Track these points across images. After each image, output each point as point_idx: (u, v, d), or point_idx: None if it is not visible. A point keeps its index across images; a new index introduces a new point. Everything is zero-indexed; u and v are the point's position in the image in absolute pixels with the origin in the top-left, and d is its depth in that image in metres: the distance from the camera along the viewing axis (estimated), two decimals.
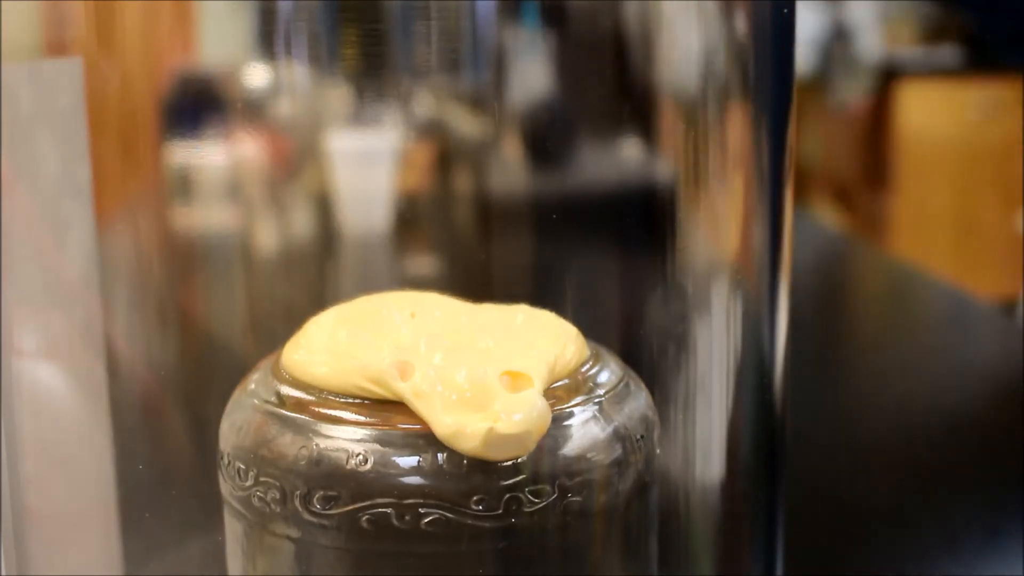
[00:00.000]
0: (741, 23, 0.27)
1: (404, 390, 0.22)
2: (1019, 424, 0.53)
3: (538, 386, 0.22)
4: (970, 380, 0.63)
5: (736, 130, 0.27)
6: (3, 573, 0.27)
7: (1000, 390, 0.60)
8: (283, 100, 0.28)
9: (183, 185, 0.28)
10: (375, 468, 0.21)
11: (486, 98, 0.29)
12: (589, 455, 0.22)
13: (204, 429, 0.25)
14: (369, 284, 0.29)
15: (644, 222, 0.29)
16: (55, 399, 0.27)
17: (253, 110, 0.28)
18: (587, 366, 0.24)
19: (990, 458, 0.51)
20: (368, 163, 0.31)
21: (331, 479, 0.21)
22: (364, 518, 0.21)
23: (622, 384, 0.24)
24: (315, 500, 0.22)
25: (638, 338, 0.28)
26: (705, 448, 0.28)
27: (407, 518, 0.21)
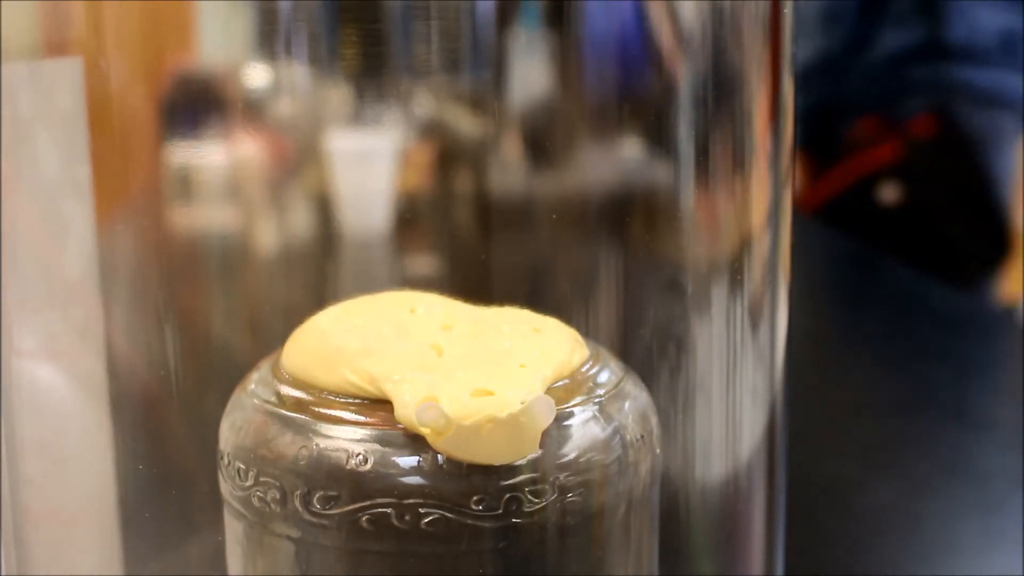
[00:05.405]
0: (740, 22, 0.27)
1: (396, 399, 0.22)
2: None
3: (539, 384, 0.22)
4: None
5: (735, 130, 0.27)
6: (3, 573, 0.27)
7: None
8: (283, 100, 0.28)
9: (183, 185, 0.28)
10: (375, 468, 0.21)
11: (486, 98, 0.29)
12: (589, 455, 0.22)
13: (204, 429, 0.25)
14: (369, 284, 0.29)
15: (644, 222, 0.29)
16: (55, 399, 0.27)
17: (253, 110, 0.28)
18: (587, 366, 0.24)
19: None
20: (368, 163, 0.31)
21: (331, 479, 0.21)
22: (364, 518, 0.21)
23: (622, 384, 0.24)
24: (315, 500, 0.22)
25: (638, 338, 0.28)
26: (705, 448, 0.28)
27: (407, 518, 0.21)
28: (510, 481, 0.21)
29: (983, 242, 1.13)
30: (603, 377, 0.24)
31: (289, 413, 0.23)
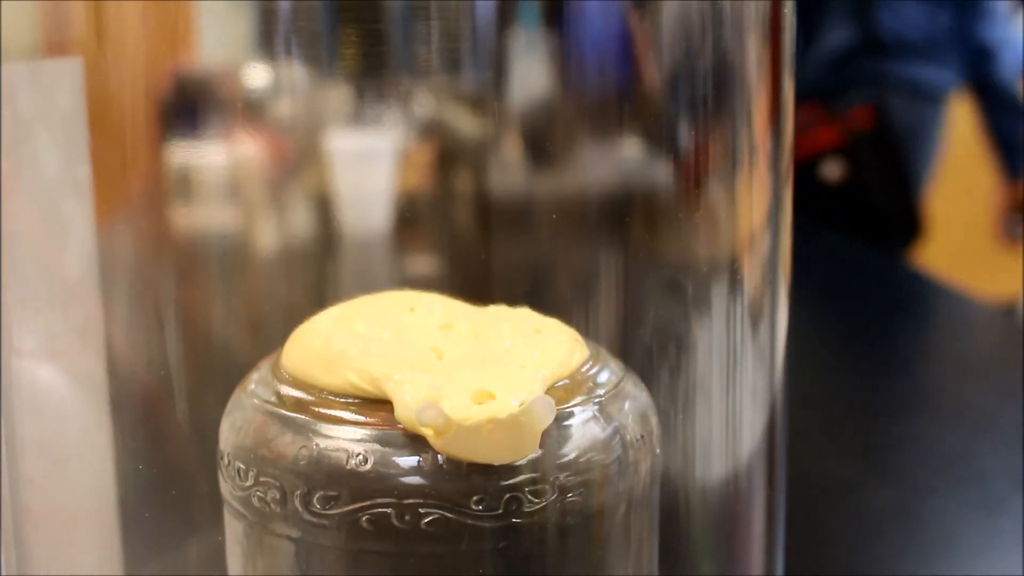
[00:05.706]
0: (740, 22, 0.27)
1: (396, 400, 0.22)
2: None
3: (539, 384, 0.22)
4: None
5: (735, 130, 0.27)
6: (3, 573, 0.27)
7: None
8: (283, 100, 0.28)
9: (183, 185, 0.28)
10: (375, 468, 0.21)
11: (486, 98, 0.29)
12: (589, 455, 0.22)
13: (204, 429, 0.25)
14: (369, 284, 0.29)
15: (644, 222, 0.29)
16: (55, 399, 0.27)
17: (253, 110, 0.28)
18: (587, 366, 0.24)
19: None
20: (368, 163, 0.31)
21: (331, 479, 0.21)
22: (364, 518, 0.21)
23: (622, 384, 0.24)
24: (315, 500, 0.22)
25: (638, 338, 0.28)
26: (705, 448, 0.28)
27: (407, 518, 0.21)
28: (510, 481, 0.21)
29: (902, 222, 1.31)
30: (603, 377, 0.24)
31: (289, 413, 0.23)
